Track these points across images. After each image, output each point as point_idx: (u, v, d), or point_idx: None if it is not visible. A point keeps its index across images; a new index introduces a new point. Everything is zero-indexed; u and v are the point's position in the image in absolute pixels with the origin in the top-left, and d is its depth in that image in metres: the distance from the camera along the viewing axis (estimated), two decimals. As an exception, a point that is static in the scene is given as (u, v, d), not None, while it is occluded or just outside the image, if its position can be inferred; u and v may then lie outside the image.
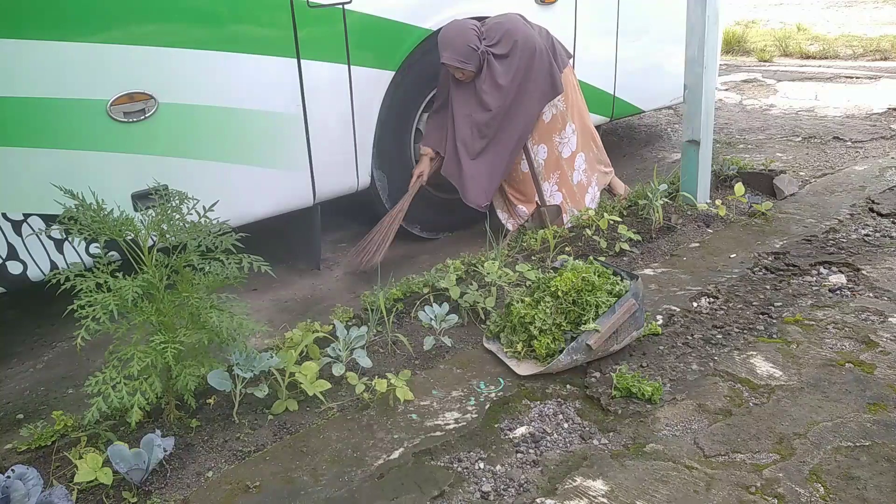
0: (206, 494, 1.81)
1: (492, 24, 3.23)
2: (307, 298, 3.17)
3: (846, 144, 4.68)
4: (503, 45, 3.19)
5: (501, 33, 3.19)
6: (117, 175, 2.54)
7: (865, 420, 1.97)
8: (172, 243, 1.94)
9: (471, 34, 3.14)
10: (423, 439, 1.97)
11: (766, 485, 1.76)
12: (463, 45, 3.12)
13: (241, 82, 2.75)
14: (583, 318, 2.27)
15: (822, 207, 3.49)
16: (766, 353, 2.31)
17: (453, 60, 3.13)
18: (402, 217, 3.35)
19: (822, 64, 7.56)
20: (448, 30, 3.16)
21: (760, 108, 5.96)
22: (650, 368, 2.27)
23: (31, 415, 2.38)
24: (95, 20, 2.40)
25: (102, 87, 2.45)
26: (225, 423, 2.09)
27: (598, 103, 4.10)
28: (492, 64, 3.19)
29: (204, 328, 2.00)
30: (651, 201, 3.35)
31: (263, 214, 2.98)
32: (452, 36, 3.13)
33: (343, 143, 3.14)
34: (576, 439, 1.97)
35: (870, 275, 2.78)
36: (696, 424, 2.00)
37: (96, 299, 1.81)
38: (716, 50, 3.62)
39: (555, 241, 3.12)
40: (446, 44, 3.13)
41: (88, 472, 1.79)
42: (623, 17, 4.02)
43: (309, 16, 2.86)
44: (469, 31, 3.14)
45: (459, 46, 3.12)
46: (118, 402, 1.82)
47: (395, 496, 1.77)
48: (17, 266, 2.45)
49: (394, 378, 2.14)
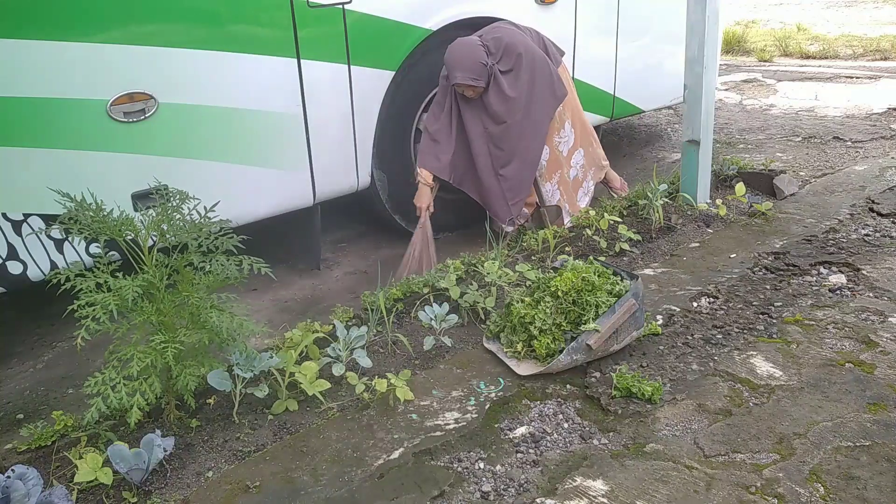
0: (206, 494, 1.81)
1: (489, 39, 3.18)
2: (307, 298, 3.17)
3: (846, 144, 4.68)
4: (506, 62, 3.17)
5: (502, 49, 3.16)
6: (117, 175, 2.55)
7: (865, 420, 1.97)
8: (172, 243, 1.94)
9: (480, 51, 3.11)
10: (423, 439, 1.97)
11: (766, 485, 1.76)
12: (475, 63, 3.08)
13: (241, 82, 2.75)
14: (583, 318, 2.27)
15: (822, 207, 3.49)
16: (766, 353, 2.31)
17: (466, 80, 3.08)
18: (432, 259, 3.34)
19: (822, 64, 7.56)
20: (456, 50, 3.11)
21: (760, 108, 5.96)
22: (650, 368, 2.27)
23: (31, 415, 2.38)
24: (95, 20, 2.41)
25: (102, 87, 2.45)
26: (225, 423, 2.09)
27: (598, 103, 4.10)
28: (498, 78, 3.16)
29: (204, 328, 2.00)
30: (651, 201, 3.35)
31: (263, 214, 2.98)
32: (462, 55, 3.09)
33: (343, 143, 3.14)
34: (576, 439, 1.97)
35: (870, 275, 2.78)
36: (696, 424, 2.00)
37: (96, 299, 1.81)
38: (716, 50, 3.62)
39: (555, 241, 3.12)
40: (456, 64, 3.08)
41: (88, 472, 1.79)
42: (623, 17, 4.02)
43: (309, 15, 2.86)
44: (478, 49, 3.11)
45: (471, 65, 3.08)
46: (118, 403, 1.82)
47: (395, 496, 1.77)
48: (17, 266, 2.45)
49: (394, 378, 2.14)
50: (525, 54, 3.18)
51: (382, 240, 3.75)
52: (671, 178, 3.76)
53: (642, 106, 4.46)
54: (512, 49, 3.17)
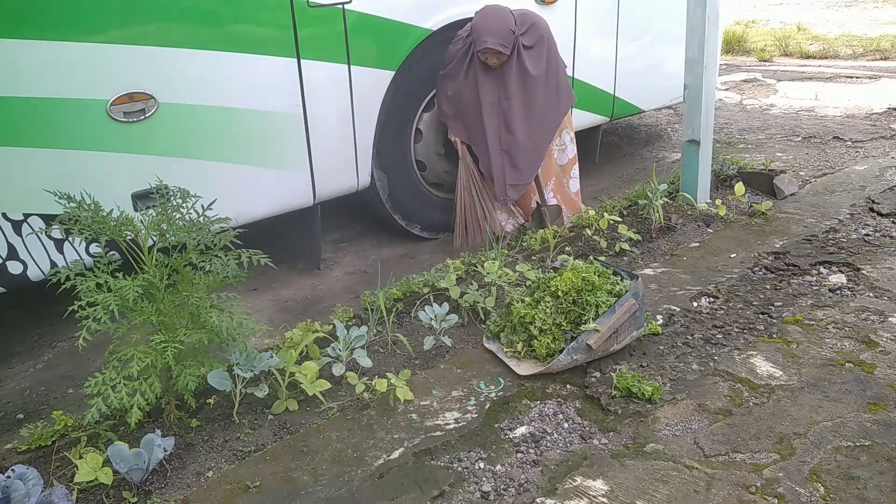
0: (206, 494, 1.81)
1: (516, 12, 3.17)
2: (307, 298, 3.17)
3: (846, 144, 4.68)
4: (530, 37, 3.16)
5: (528, 24, 3.16)
6: (117, 175, 2.54)
7: (865, 420, 1.97)
8: (172, 243, 1.94)
9: (510, 18, 3.09)
10: (423, 439, 1.97)
11: (766, 484, 1.76)
12: (506, 30, 3.05)
13: (241, 82, 2.75)
14: (583, 318, 2.27)
15: (822, 207, 3.49)
16: (766, 353, 2.31)
17: (496, 45, 3.04)
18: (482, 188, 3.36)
19: (822, 64, 7.56)
20: (487, 14, 3.08)
21: (760, 107, 5.96)
22: (650, 368, 2.27)
23: (31, 415, 2.38)
24: (95, 20, 2.40)
25: (102, 87, 2.45)
26: (225, 423, 2.09)
27: (598, 103, 4.10)
28: (520, 52, 3.15)
29: (204, 328, 2.00)
30: (651, 201, 3.35)
31: (263, 214, 2.98)
32: (493, 20, 3.06)
33: (343, 143, 3.14)
34: (576, 439, 1.97)
35: (870, 274, 2.78)
36: (696, 424, 2.00)
37: (97, 299, 1.81)
38: (716, 50, 3.62)
39: (555, 241, 3.12)
40: (487, 28, 3.04)
41: (88, 471, 1.79)
42: (623, 17, 4.02)
43: (309, 15, 2.85)
44: (508, 16, 3.09)
45: (501, 30, 3.04)
46: (118, 403, 1.82)
47: (395, 496, 1.77)
48: (17, 266, 2.45)
49: (394, 378, 2.14)
50: (547, 39, 3.19)
51: (382, 240, 3.75)
52: (671, 177, 3.76)
53: (642, 106, 4.46)
54: (537, 27, 3.17)
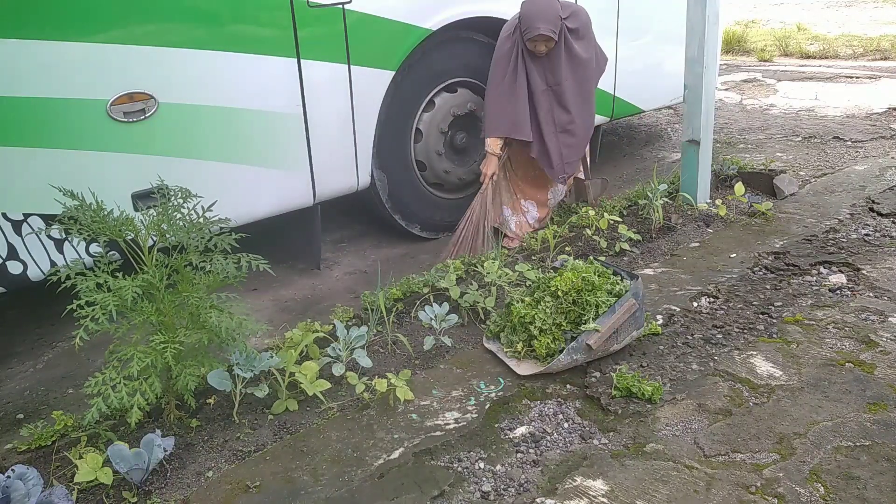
0: (206, 494, 1.81)
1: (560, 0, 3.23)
2: (307, 298, 3.17)
3: (846, 144, 4.68)
4: (574, 21, 3.21)
5: (571, 9, 3.22)
6: (117, 175, 2.54)
7: (865, 420, 1.97)
8: (172, 243, 1.94)
9: (556, 4, 3.14)
10: (423, 439, 1.97)
11: (766, 485, 1.76)
12: (555, 17, 3.10)
13: (241, 82, 2.75)
14: (583, 318, 2.27)
15: (822, 207, 3.49)
16: (766, 353, 2.31)
17: (548, 31, 3.08)
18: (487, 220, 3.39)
19: (822, 64, 7.55)
20: (535, 2, 3.12)
21: (760, 107, 5.96)
22: (650, 368, 2.27)
23: (31, 415, 2.38)
24: (95, 20, 2.40)
25: (102, 87, 2.45)
26: (225, 423, 2.09)
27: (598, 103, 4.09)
28: (567, 37, 3.20)
29: (204, 328, 2.00)
30: (651, 201, 3.35)
31: (263, 214, 2.98)
32: (543, 7, 3.10)
33: (343, 143, 3.14)
34: (576, 439, 1.97)
35: (870, 274, 2.77)
36: (696, 424, 2.00)
37: (96, 299, 1.81)
38: (716, 50, 3.62)
39: (555, 241, 3.12)
40: (538, 16, 3.08)
41: (88, 471, 1.79)
42: (623, 17, 4.02)
43: (309, 15, 2.85)
44: (555, 2, 3.14)
45: (552, 17, 3.09)
46: (118, 403, 1.82)
47: (395, 496, 1.77)
48: (17, 266, 2.45)
49: (394, 378, 2.14)
50: (590, 25, 3.27)
51: (382, 240, 3.75)
52: (671, 177, 3.76)
53: (642, 106, 4.45)
54: (579, 13, 3.23)
